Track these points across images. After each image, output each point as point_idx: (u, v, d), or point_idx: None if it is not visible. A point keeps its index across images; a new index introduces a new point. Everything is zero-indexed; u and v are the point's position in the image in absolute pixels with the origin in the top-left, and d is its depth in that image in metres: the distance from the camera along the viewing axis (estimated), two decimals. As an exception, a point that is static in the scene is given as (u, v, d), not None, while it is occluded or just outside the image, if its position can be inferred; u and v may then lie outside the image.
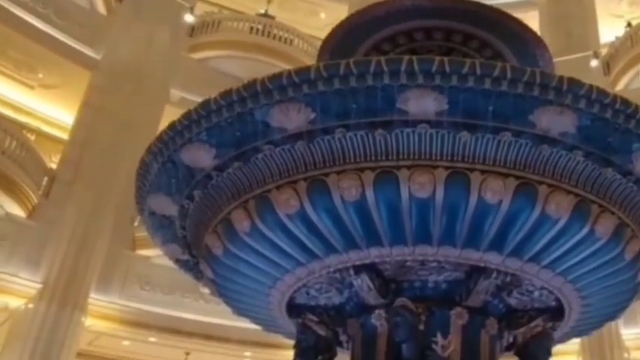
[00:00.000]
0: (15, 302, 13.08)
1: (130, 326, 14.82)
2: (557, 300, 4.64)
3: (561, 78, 3.64)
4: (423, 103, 3.63)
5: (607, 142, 3.88)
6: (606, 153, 3.93)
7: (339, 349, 4.83)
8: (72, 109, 16.92)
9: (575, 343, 12.48)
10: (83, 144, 15.11)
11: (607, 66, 18.94)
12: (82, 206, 13.98)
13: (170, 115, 4.81)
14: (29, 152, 14.63)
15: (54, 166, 15.72)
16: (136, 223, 14.70)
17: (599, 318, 5.11)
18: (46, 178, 14.79)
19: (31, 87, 18.75)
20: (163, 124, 4.26)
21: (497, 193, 3.81)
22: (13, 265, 13.10)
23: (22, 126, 17.93)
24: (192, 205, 4.51)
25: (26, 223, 13.92)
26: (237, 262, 4.47)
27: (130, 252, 15.43)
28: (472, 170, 3.80)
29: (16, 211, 14.33)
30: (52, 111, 19.68)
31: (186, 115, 4.03)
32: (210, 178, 4.26)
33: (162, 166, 4.28)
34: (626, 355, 14.23)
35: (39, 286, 13.06)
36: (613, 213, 4.11)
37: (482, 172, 3.81)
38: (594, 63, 18.68)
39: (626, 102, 3.76)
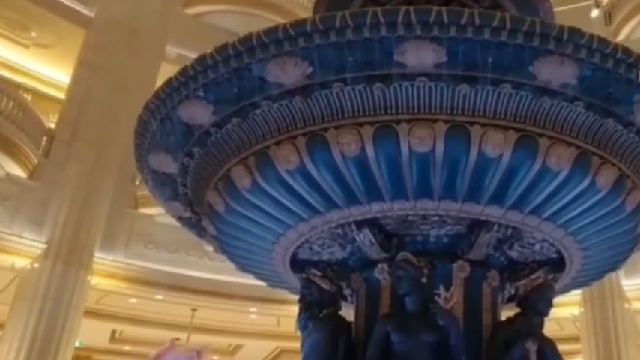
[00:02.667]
0: (21, 262, 13.17)
1: (135, 284, 14.94)
2: (558, 252, 4.66)
3: (562, 28, 3.59)
4: (421, 55, 3.58)
5: (608, 93, 3.84)
6: (607, 104, 3.90)
7: (343, 303, 4.87)
8: (68, 68, 16.78)
9: (576, 294, 12.59)
10: (81, 103, 15.01)
11: (608, 16, 18.69)
12: (83, 166, 13.96)
13: (167, 73, 4.76)
14: (27, 112, 14.53)
15: (52, 125, 15.65)
16: (137, 182, 14.70)
17: (599, 269, 5.14)
18: (45, 138, 14.73)
19: (26, 46, 18.57)
20: (160, 82, 4.23)
21: (497, 146, 3.79)
22: (17, 225, 13.15)
23: (19, 86, 17.78)
24: (192, 162, 4.51)
25: (28, 183, 13.92)
26: (239, 218, 4.49)
27: (132, 211, 15.47)
28: (472, 124, 3.78)
29: (17, 171, 14.34)
30: (47, 70, 19.53)
31: (183, 72, 3.99)
32: (209, 135, 4.25)
33: (160, 123, 4.26)
34: (627, 305, 14.35)
35: (43, 245, 13.13)
36: (614, 165, 4.10)
37: (483, 125, 3.78)
38: (595, 13, 18.42)
39: (627, 51, 3.70)
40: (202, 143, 4.31)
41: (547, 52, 3.61)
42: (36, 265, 12.96)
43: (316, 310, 4.50)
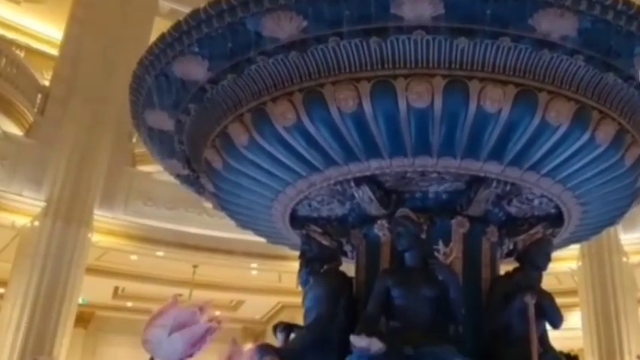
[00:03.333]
0: (21, 220, 13.18)
1: (136, 241, 14.98)
2: (557, 207, 4.66)
3: (562, -22, 3.52)
4: (418, 8, 3.52)
5: (608, 46, 3.79)
6: (607, 57, 3.85)
7: (343, 259, 4.88)
8: (60, 24, 16.53)
9: (574, 248, 12.63)
10: (74, 60, 14.80)
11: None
12: (79, 123, 13.85)
13: (161, 28, 4.68)
14: (20, 69, 14.35)
15: (47, 83, 15.49)
16: (134, 139, 14.63)
17: (598, 224, 5.14)
18: (39, 96, 14.57)
19: (17, 2, 18.28)
20: (154, 38, 4.17)
21: (496, 101, 3.75)
22: (15, 184, 13.13)
23: (11, 43, 17.54)
24: (188, 119, 4.48)
25: (24, 141, 13.85)
26: (237, 175, 4.48)
27: (130, 168, 15.44)
28: (471, 78, 3.74)
29: (13, 130, 14.26)
30: (40, 26, 19.23)
31: (176, 27, 3.93)
32: (204, 92, 4.21)
33: (155, 79, 4.21)
34: (625, 259, 14.42)
35: (43, 204, 13.13)
36: (613, 119, 4.07)
37: (481, 79, 3.74)
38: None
39: (628, 3, 3.63)
40: (198, 100, 4.27)
41: (547, 3, 3.54)
42: (36, 223, 12.98)
43: (317, 265, 4.52)
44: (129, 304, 18.75)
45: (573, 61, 3.80)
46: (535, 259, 4.41)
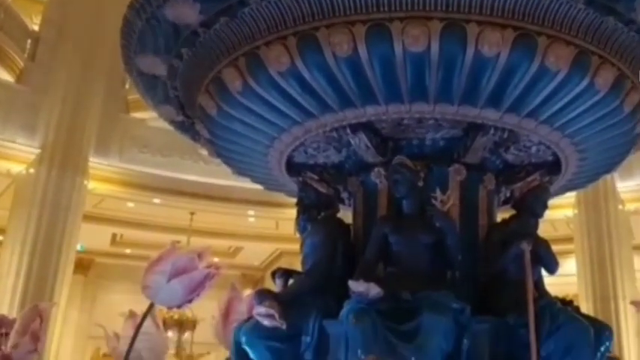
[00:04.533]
0: (16, 168, 13.17)
1: (132, 188, 15.02)
2: (555, 155, 4.63)
3: None
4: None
5: (609, -12, 3.70)
6: (608, 0, 3.75)
7: (341, 206, 4.86)
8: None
9: (570, 196, 12.66)
10: (63, 3, 14.54)
11: None
12: (71, 69, 13.69)
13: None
14: (8, 14, 14.10)
15: (36, 27, 15.24)
16: (127, 85, 14.51)
17: (595, 171, 5.12)
18: (29, 41, 14.39)
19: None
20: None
21: (494, 45, 3.67)
22: (9, 130, 13.06)
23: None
24: (181, 64, 4.40)
25: (16, 87, 13.72)
26: (232, 121, 4.43)
27: (124, 115, 15.38)
28: (468, 21, 3.64)
29: (4, 76, 14.11)
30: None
31: (167, -31, 3.84)
32: (197, 36, 4.11)
33: (146, 23, 4.11)
34: (621, 207, 14.49)
35: (37, 150, 13.09)
36: (613, 64, 4.00)
37: (479, 23, 3.64)
38: None
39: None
40: (191, 44, 4.18)
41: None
42: (31, 170, 12.97)
43: (314, 212, 4.50)
44: (127, 250, 18.91)
45: (573, 4, 3.70)
46: (532, 207, 4.40)
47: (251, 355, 3.98)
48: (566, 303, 4.20)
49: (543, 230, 4.43)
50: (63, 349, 14.86)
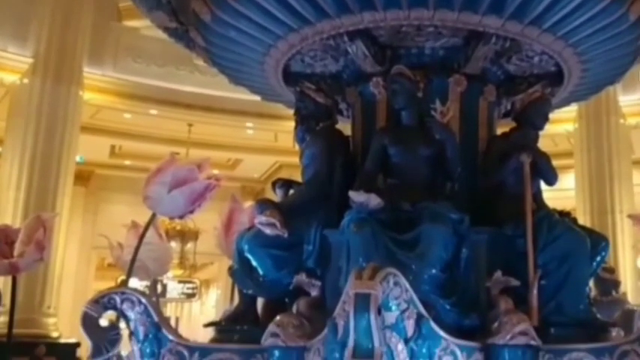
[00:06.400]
0: (10, 78, 13.05)
1: (127, 99, 14.95)
2: (557, 65, 4.55)
3: None
4: None
5: None
6: None
7: (339, 117, 4.81)
8: None
9: (571, 110, 12.58)
10: None
11: None
12: (60, -24, 13.36)
13: None
14: None
15: None
16: (118, -8, 14.22)
17: (598, 82, 5.05)
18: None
19: None
20: None
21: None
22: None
23: None
24: (172, -34, 4.26)
25: (2, -6, 13.42)
26: (227, 28, 4.33)
27: (117, 23, 15.11)
28: None
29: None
30: None
31: None
32: (188, -63, 3.97)
33: None
34: (622, 121, 14.41)
35: (30, 60, 12.90)
36: (620, -30, 3.87)
37: None
38: None
39: None
40: (182, -54, 4.04)
41: None
42: (25, 80, 12.84)
43: (312, 123, 4.46)
44: (126, 162, 18.95)
45: None
46: (532, 119, 4.36)
47: (253, 262, 4.02)
48: (564, 215, 4.21)
49: (543, 145, 4.40)
50: (68, 260, 15.09)
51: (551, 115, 4.55)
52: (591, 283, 4.57)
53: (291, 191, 4.53)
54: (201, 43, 4.69)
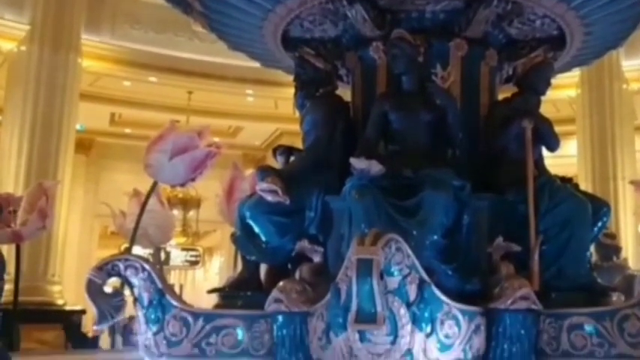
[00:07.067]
0: (7, 45, 12.96)
1: (126, 66, 14.88)
2: (559, 29, 4.50)
3: None
4: None
5: None
6: None
7: (339, 83, 4.77)
8: None
9: (574, 75, 12.50)
10: None
11: None
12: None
13: None
14: None
15: None
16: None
17: (600, 46, 5.01)
18: None
19: None
20: None
21: None
22: (-5, 6, 12.76)
23: None
24: None
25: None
26: (224, -7, 4.26)
27: (113, -11, 15.01)
28: None
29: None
30: None
31: None
32: None
33: None
34: (625, 86, 14.33)
35: (27, 27, 12.79)
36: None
37: None
38: None
39: None
40: None
41: None
42: (23, 47, 12.74)
43: (312, 89, 4.43)
44: (127, 130, 18.91)
45: None
46: (534, 84, 4.33)
47: (255, 229, 4.02)
48: (566, 181, 4.21)
49: (545, 111, 4.38)
50: (71, 229, 15.14)
51: (553, 81, 4.53)
52: (592, 248, 4.58)
53: (292, 158, 4.52)
54: (199, 8, 4.64)
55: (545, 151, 4.23)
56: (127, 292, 3.58)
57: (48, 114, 12.46)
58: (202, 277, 26.65)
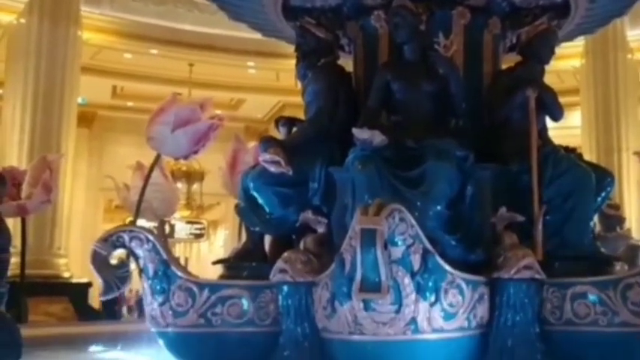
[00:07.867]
0: (6, 18, 12.86)
1: (127, 38, 14.78)
2: (564, -4, 4.45)
3: None
4: None
5: None
6: None
7: (341, 53, 4.74)
8: None
9: (578, 45, 12.39)
10: None
11: None
12: None
13: None
14: None
15: None
16: None
17: (605, 14, 4.94)
18: None
19: None
20: None
21: None
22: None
23: None
24: None
25: None
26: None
27: (110, -41, 14.86)
28: None
29: None
30: None
31: None
32: None
33: None
34: (629, 56, 14.21)
35: (25, -1, 12.72)
36: None
37: None
38: None
39: None
40: None
41: None
42: (22, 20, 12.63)
43: (313, 59, 4.39)
44: (129, 103, 18.85)
45: None
46: (538, 52, 4.30)
47: (259, 200, 4.03)
48: (570, 151, 4.19)
49: (549, 81, 4.35)
50: (76, 203, 15.15)
51: (557, 51, 4.48)
52: (596, 219, 4.58)
53: (295, 129, 4.50)
54: (199, -23, 4.61)
55: (549, 122, 4.21)
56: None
57: (49, 87, 12.39)
58: (207, 250, 26.74)
